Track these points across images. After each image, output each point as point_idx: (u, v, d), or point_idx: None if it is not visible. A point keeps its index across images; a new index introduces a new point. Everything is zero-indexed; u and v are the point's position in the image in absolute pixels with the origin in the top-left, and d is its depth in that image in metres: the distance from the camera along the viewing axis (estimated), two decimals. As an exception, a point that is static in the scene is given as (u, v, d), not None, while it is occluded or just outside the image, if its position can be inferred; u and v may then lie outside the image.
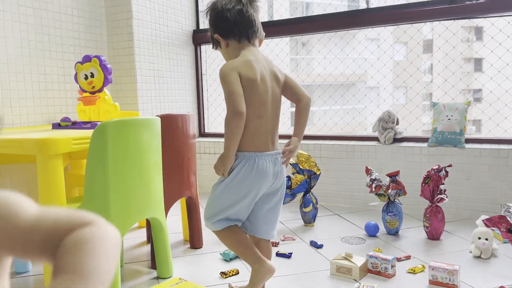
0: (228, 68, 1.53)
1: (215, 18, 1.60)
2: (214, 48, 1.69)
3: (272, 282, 1.85)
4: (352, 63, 3.99)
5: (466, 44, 14.43)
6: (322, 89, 4.42)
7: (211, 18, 1.62)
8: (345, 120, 3.92)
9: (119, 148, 1.67)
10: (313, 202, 2.65)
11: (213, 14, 1.61)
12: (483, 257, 2.07)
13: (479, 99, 16.29)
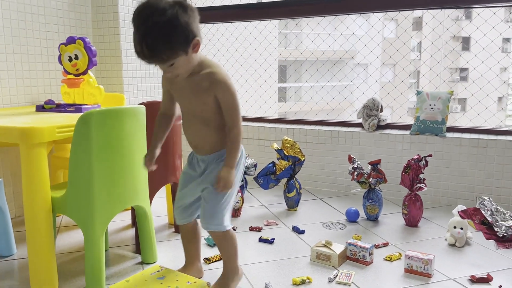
0: (228, 76, 1.52)
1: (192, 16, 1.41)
2: (169, 65, 1.43)
3: (254, 268, 1.91)
4: (340, 37, 3.98)
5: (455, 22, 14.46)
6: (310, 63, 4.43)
7: (188, 19, 1.39)
8: (331, 94, 3.94)
9: (104, 137, 1.68)
10: (297, 188, 2.70)
11: (187, 14, 1.39)
12: (457, 245, 2.16)
13: (465, 78, 16.46)
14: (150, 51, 1.37)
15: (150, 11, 1.35)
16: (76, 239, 2.28)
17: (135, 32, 1.38)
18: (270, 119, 3.51)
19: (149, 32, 1.35)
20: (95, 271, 1.69)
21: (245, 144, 3.40)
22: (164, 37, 1.35)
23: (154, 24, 1.34)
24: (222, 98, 1.51)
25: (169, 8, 1.36)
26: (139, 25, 1.37)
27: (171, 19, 1.35)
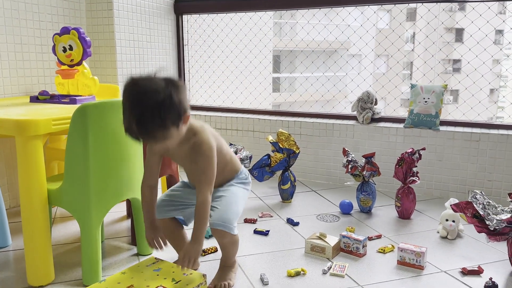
0: (210, 144, 1.55)
1: (184, 91, 1.44)
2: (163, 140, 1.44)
3: (249, 260, 1.93)
4: (335, 29, 3.97)
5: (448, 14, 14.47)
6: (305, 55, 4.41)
7: (180, 96, 1.41)
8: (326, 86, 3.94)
9: (100, 129, 1.67)
10: (291, 180, 2.72)
11: (179, 91, 1.41)
12: (449, 238, 2.20)
13: (458, 70, 16.53)
14: (145, 132, 1.39)
15: (145, 92, 1.36)
16: (72, 231, 2.28)
17: (128, 111, 1.38)
18: (265, 111, 3.52)
19: (144, 114, 1.36)
20: (92, 262, 1.70)
21: (240, 136, 3.41)
22: (159, 118, 1.37)
23: (150, 106, 1.35)
24: (199, 163, 1.54)
25: (163, 88, 1.37)
26: (134, 106, 1.37)
27: (165, 100, 1.36)
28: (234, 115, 3.45)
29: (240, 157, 2.72)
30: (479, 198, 1.87)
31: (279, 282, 1.75)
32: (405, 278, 1.80)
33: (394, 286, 1.73)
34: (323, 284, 1.75)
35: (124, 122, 1.40)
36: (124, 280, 1.60)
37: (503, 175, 2.66)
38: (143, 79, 1.39)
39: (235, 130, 3.43)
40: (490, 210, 1.84)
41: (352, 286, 1.73)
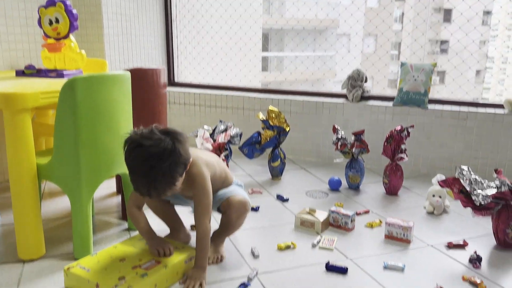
0: (203, 175, 1.58)
1: (186, 142, 1.48)
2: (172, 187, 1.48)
3: (240, 235, 1.95)
4: (326, 6, 3.95)
5: (438, -3, 14.48)
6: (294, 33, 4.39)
7: (184, 149, 1.46)
8: (315, 65, 3.94)
9: (89, 103, 1.65)
10: (281, 157, 2.73)
11: (182, 144, 1.45)
12: (435, 213, 2.24)
13: (445, 50, 16.61)
14: (156, 192, 1.44)
15: (153, 157, 1.39)
16: (62, 206, 2.27)
17: (138, 176, 1.42)
18: (255, 88, 3.50)
19: (156, 180, 1.40)
20: (83, 237, 1.70)
21: (229, 114, 3.39)
22: (170, 178, 1.43)
23: (161, 171, 1.39)
24: (195, 195, 1.58)
25: (170, 149, 1.41)
26: (144, 171, 1.39)
27: (174, 159, 1.42)
28: (223, 93, 3.43)
29: (230, 135, 2.72)
30: (466, 174, 1.91)
31: (269, 255, 1.78)
32: (392, 252, 1.84)
33: (381, 259, 1.77)
34: (313, 257, 1.78)
35: (133, 184, 1.45)
36: (116, 254, 1.61)
37: (488, 153, 2.71)
38: (147, 139, 1.40)
39: (225, 107, 3.41)
40: (477, 186, 1.88)
41: (341, 259, 1.77)
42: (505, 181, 1.84)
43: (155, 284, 1.49)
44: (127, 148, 1.43)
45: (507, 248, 1.88)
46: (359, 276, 1.64)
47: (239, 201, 1.73)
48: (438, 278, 1.63)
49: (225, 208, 1.73)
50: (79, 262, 1.55)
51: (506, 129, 2.65)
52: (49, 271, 1.63)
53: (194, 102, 3.50)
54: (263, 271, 1.66)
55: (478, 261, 1.72)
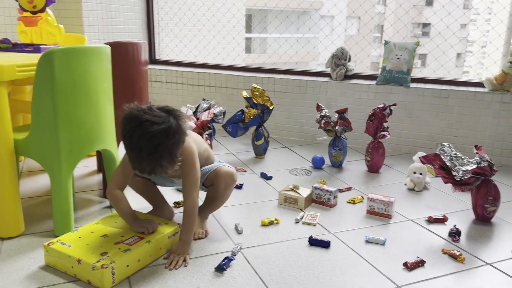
0: (192, 149, 1.57)
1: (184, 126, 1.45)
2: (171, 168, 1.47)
3: (223, 211, 1.95)
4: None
5: (421, -22, 14.46)
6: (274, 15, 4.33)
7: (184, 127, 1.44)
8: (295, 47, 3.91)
9: (67, 77, 1.60)
10: (265, 136, 2.72)
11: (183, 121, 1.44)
12: (416, 189, 2.28)
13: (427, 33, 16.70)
14: (160, 170, 1.42)
15: (159, 135, 1.36)
16: (40, 184, 2.23)
17: (142, 154, 1.37)
18: (238, 67, 3.46)
19: (163, 156, 1.38)
20: (63, 213, 1.67)
21: (213, 93, 3.36)
22: (174, 156, 1.42)
23: (167, 147, 1.38)
24: (184, 170, 1.56)
25: (176, 127, 1.39)
26: (150, 149, 1.36)
27: (179, 137, 1.42)
28: (206, 71, 3.39)
29: (213, 113, 2.69)
30: (446, 150, 1.94)
31: (253, 231, 1.78)
32: (374, 226, 1.86)
33: (363, 233, 1.79)
34: (296, 232, 1.79)
35: (136, 164, 1.41)
36: (98, 230, 1.59)
37: (469, 131, 2.76)
38: (151, 117, 1.36)
39: (208, 86, 3.37)
40: (457, 161, 1.91)
41: (324, 233, 1.79)
42: (484, 157, 1.87)
43: (139, 259, 1.48)
44: (129, 126, 1.37)
45: (485, 222, 1.92)
46: (341, 250, 1.66)
47: (227, 171, 1.73)
48: (418, 251, 1.66)
49: (212, 181, 1.72)
50: (59, 238, 1.52)
51: (486, 107, 2.69)
52: (29, 248, 1.60)
53: (176, 81, 3.45)
54: (247, 246, 1.66)
55: (458, 234, 1.76)
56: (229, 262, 1.52)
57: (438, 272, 1.52)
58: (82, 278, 1.41)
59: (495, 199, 1.88)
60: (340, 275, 1.49)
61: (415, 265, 1.54)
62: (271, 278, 1.46)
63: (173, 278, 1.45)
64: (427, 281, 1.47)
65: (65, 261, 1.43)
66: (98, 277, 1.36)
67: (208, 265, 1.52)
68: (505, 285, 1.46)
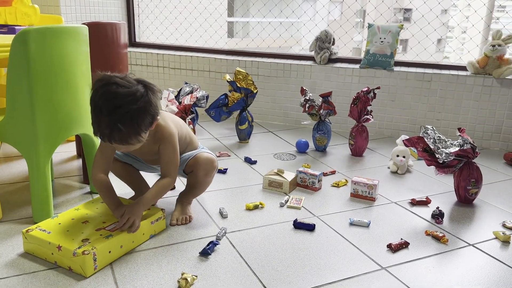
0: (172, 130, 1.54)
1: (158, 95, 1.41)
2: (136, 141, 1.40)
3: (207, 196, 1.93)
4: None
5: (403, -38, 14.46)
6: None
7: (155, 101, 1.39)
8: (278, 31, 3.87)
9: (43, 59, 1.54)
10: (249, 120, 2.69)
11: (155, 95, 1.39)
12: (399, 172, 2.29)
13: (408, 19, 16.81)
14: (119, 136, 1.34)
15: (124, 96, 1.31)
16: (18, 170, 2.16)
17: (102, 115, 1.32)
18: (221, 50, 3.41)
19: (122, 119, 1.31)
20: (42, 199, 1.62)
21: (195, 76, 3.30)
22: (136, 124, 1.34)
23: (130, 111, 1.32)
24: (163, 151, 1.54)
25: (143, 93, 1.35)
26: (111, 109, 1.31)
27: (144, 106, 1.35)
28: (188, 54, 3.32)
29: (196, 96, 2.65)
30: (430, 133, 1.94)
31: (238, 215, 1.77)
32: (358, 209, 1.87)
33: (347, 216, 1.79)
34: (281, 215, 1.78)
35: (94, 125, 1.35)
36: (78, 216, 1.55)
37: (451, 114, 2.78)
38: (120, 80, 1.33)
39: (190, 70, 3.32)
40: (440, 144, 1.92)
41: (308, 216, 1.78)
42: (467, 139, 1.89)
43: (121, 245, 1.45)
44: (96, 86, 1.34)
45: (467, 204, 1.95)
46: (326, 233, 1.66)
47: (206, 157, 1.69)
48: (402, 233, 1.67)
49: (191, 167, 1.68)
50: (38, 225, 1.48)
51: (468, 90, 2.71)
52: (7, 235, 1.56)
53: (157, 64, 3.38)
54: (232, 230, 1.65)
55: (440, 216, 1.78)
56: (213, 246, 1.50)
57: (422, 254, 1.53)
58: (63, 265, 1.37)
59: (477, 181, 1.90)
60: (325, 258, 1.49)
61: (399, 246, 1.55)
62: (256, 262, 1.45)
63: (157, 263, 1.42)
64: (411, 262, 1.48)
65: (45, 247, 1.39)
66: (80, 264, 1.32)
67: (193, 250, 1.50)
68: (487, 264, 1.48)
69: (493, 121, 2.70)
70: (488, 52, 2.64)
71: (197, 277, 1.35)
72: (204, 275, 1.37)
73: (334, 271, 1.41)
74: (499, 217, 1.83)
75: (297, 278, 1.37)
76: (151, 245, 1.53)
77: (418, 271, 1.43)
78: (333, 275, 1.39)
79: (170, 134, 1.53)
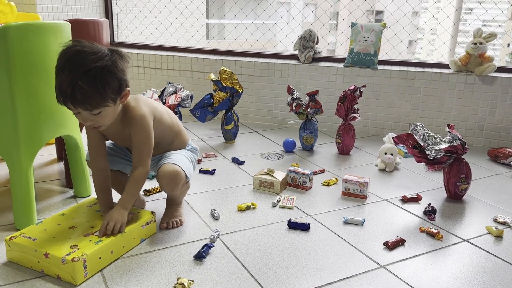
0: (144, 113, 1.44)
1: (127, 64, 1.36)
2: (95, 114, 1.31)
3: (197, 198, 1.88)
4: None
5: (376, -36, 14.73)
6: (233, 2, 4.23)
7: (124, 67, 1.33)
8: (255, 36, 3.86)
9: (25, 56, 1.46)
10: (235, 120, 2.65)
11: (124, 61, 1.34)
12: (387, 170, 2.29)
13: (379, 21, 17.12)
14: (82, 96, 1.24)
15: (87, 53, 1.26)
16: (0, 174, 2.06)
17: (64, 74, 1.24)
18: (203, 49, 3.36)
19: (84, 76, 1.23)
20: (24, 205, 1.53)
21: (177, 76, 3.24)
22: (100, 82, 1.25)
23: (92, 68, 1.24)
24: (133, 135, 1.44)
25: (108, 54, 1.30)
26: (73, 67, 1.24)
27: (110, 65, 1.28)
28: (170, 54, 3.25)
29: (180, 97, 2.59)
30: (419, 130, 1.95)
31: (230, 217, 1.72)
32: (351, 207, 1.85)
33: (340, 214, 1.77)
34: (274, 215, 1.75)
35: (56, 88, 1.27)
36: (64, 221, 1.48)
37: (434, 112, 2.81)
38: (84, 43, 1.30)
39: (172, 70, 3.25)
40: (430, 140, 1.93)
41: (302, 216, 1.76)
42: (456, 135, 1.90)
43: (112, 250, 1.38)
44: (63, 52, 1.27)
45: (457, 200, 1.96)
46: (321, 232, 1.63)
47: (168, 172, 1.49)
48: (397, 230, 1.66)
49: (158, 175, 1.53)
50: (22, 231, 1.39)
51: (451, 88, 2.74)
52: (-13, 244, 1.47)
53: (138, 64, 3.29)
54: (225, 232, 1.60)
55: (433, 213, 1.78)
56: (208, 249, 1.45)
57: (418, 250, 1.53)
58: (50, 273, 1.30)
59: (466, 177, 1.91)
60: (323, 257, 1.46)
61: (395, 244, 1.54)
62: (253, 264, 1.41)
63: (150, 268, 1.37)
64: (409, 260, 1.47)
65: (31, 255, 1.31)
66: (69, 271, 1.25)
67: (186, 254, 1.45)
68: (483, 259, 1.49)
69: (476, 118, 2.74)
70: (470, 50, 2.68)
71: (194, 282, 1.30)
72: (201, 279, 1.32)
73: (333, 271, 1.39)
74: (489, 212, 1.85)
75: (296, 279, 1.34)
76: (142, 249, 1.47)
77: (416, 268, 1.42)
78: (332, 275, 1.36)
79: (141, 116, 1.42)
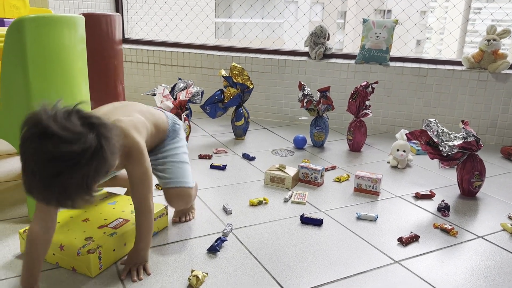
0: (140, 142, 1.25)
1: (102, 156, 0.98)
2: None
3: (209, 192, 1.88)
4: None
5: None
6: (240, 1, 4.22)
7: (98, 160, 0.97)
8: (265, 33, 3.85)
9: (40, 48, 1.46)
10: (245, 116, 2.64)
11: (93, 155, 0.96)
12: (399, 167, 2.28)
13: (389, 19, 17.04)
14: (60, 204, 1.01)
15: (64, 160, 0.92)
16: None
17: (35, 180, 0.94)
18: (214, 46, 3.35)
19: (62, 189, 0.95)
20: (39, 198, 1.54)
21: (187, 73, 3.24)
22: (86, 187, 0.97)
23: (71, 179, 0.94)
24: (131, 172, 1.26)
25: (92, 151, 0.95)
26: (47, 178, 0.93)
27: (96, 167, 0.97)
28: (180, 50, 3.26)
29: (190, 92, 2.59)
30: (433, 126, 1.93)
31: (242, 211, 1.72)
32: (363, 203, 1.84)
33: (353, 210, 1.76)
34: (286, 210, 1.74)
35: (25, 185, 0.96)
36: (77, 214, 1.48)
37: (446, 109, 2.78)
38: (60, 128, 0.92)
39: (182, 66, 3.25)
40: (444, 137, 1.91)
41: (314, 211, 1.75)
42: (471, 132, 1.88)
43: (125, 243, 1.38)
44: (27, 130, 0.94)
45: (470, 196, 1.94)
46: (334, 227, 1.62)
47: (177, 195, 1.44)
48: (410, 227, 1.65)
49: (166, 199, 1.47)
50: (37, 223, 1.40)
51: (463, 85, 2.72)
52: (2, 236, 1.47)
53: (148, 60, 3.30)
54: (238, 226, 1.60)
55: (447, 209, 1.76)
56: (221, 243, 1.45)
57: (433, 246, 1.51)
58: (65, 265, 1.30)
59: (480, 173, 1.89)
60: (336, 252, 1.45)
61: (409, 240, 1.53)
62: (266, 258, 1.40)
63: (164, 261, 1.37)
64: (424, 256, 1.45)
65: (45, 247, 1.32)
66: (85, 263, 1.26)
67: (200, 247, 1.45)
68: (498, 256, 1.47)
69: (489, 115, 2.71)
70: (483, 47, 2.66)
71: (208, 274, 1.29)
72: (215, 272, 1.32)
73: (348, 266, 1.38)
74: (503, 210, 1.83)
75: (310, 273, 1.33)
76: (155, 242, 1.47)
77: (431, 263, 1.41)
78: (347, 270, 1.35)
79: (138, 151, 1.24)
